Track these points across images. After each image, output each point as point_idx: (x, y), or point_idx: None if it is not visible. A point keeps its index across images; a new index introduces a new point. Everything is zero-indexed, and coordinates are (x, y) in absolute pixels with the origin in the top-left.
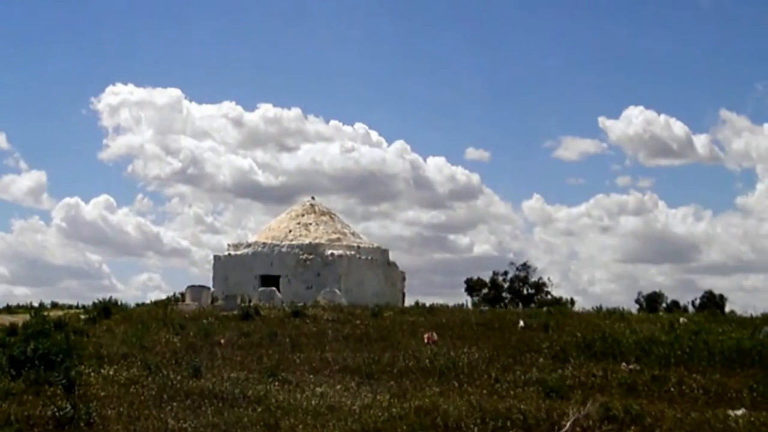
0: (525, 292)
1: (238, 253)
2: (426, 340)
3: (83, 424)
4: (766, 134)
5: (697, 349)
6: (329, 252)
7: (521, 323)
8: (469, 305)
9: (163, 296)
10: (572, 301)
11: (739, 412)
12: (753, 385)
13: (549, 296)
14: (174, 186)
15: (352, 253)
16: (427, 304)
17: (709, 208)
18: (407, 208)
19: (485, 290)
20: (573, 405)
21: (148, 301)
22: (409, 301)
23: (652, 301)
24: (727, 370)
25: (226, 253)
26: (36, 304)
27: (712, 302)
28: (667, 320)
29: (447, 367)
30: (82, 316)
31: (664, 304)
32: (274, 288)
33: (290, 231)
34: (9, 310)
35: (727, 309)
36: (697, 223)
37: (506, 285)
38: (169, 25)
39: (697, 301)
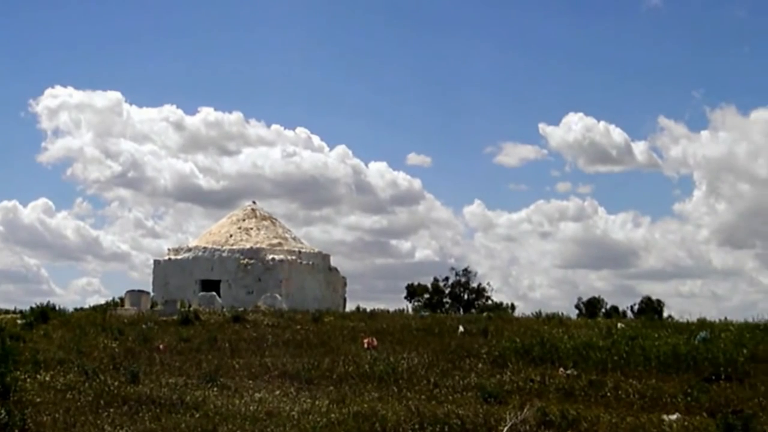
0: (466, 297)
1: (179, 257)
2: (366, 346)
3: (18, 430)
4: (703, 142)
5: (634, 354)
6: (270, 257)
7: (461, 328)
8: (410, 310)
9: (102, 301)
10: (512, 307)
11: (674, 417)
12: (687, 390)
13: (489, 301)
14: (114, 190)
15: (293, 258)
16: (368, 310)
17: (648, 214)
18: (349, 213)
19: (426, 295)
20: (511, 410)
21: (86, 306)
22: (350, 307)
23: (591, 307)
24: (662, 375)
25: (167, 257)
26: None
27: (650, 308)
28: (604, 326)
29: (386, 373)
30: (19, 321)
31: (603, 310)
32: (214, 293)
33: (231, 236)
34: None
35: (664, 314)
36: (635, 229)
37: (447, 290)
38: (110, 28)
39: (636, 307)
